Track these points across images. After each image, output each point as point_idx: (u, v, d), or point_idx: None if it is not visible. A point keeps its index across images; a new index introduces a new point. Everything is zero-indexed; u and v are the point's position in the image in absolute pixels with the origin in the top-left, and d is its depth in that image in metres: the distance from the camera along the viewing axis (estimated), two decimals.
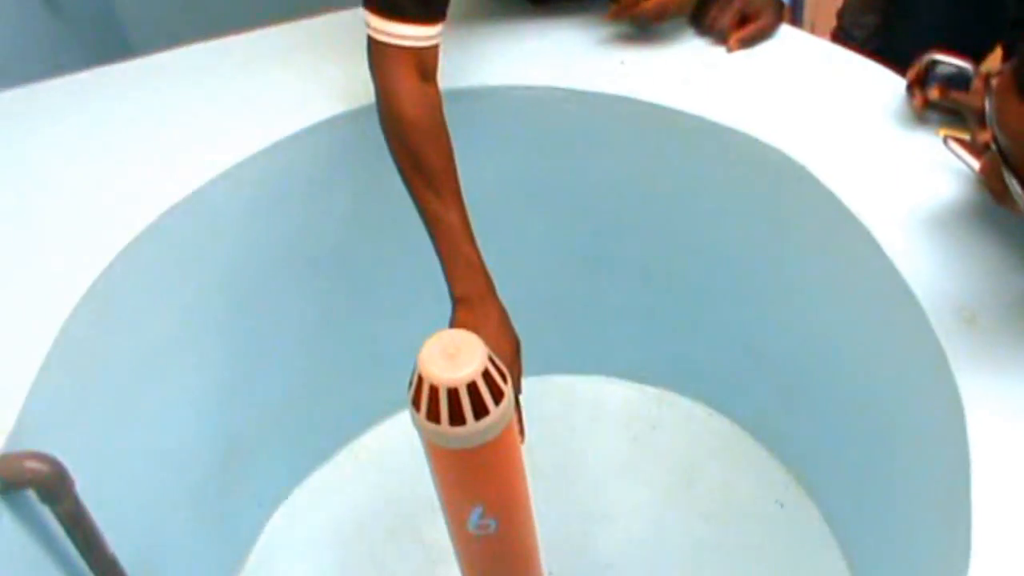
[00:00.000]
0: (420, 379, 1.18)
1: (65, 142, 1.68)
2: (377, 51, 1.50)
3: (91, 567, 1.39)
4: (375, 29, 1.48)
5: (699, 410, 2.17)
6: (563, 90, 1.68)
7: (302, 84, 1.74)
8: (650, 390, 2.21)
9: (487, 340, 1.24)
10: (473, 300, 1.45)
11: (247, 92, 1.74)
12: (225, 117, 1.70)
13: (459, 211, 1.48)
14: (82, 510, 1.31)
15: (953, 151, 1.43)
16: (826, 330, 1.71)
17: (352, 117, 1.67)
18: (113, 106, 1.74)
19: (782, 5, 1.77)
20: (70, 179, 1.62)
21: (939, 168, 1.47)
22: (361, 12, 1.49)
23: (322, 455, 2.16)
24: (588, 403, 2.22)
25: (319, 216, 1.80)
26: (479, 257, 1.48)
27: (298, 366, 1.96)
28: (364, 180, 1.76)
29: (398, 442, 2.07)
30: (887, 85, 1.63)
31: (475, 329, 1.26)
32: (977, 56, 1.47)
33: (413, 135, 1.48)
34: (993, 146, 1.16)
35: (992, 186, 1.29)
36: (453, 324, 1.43)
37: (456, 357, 1.18)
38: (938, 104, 1.50)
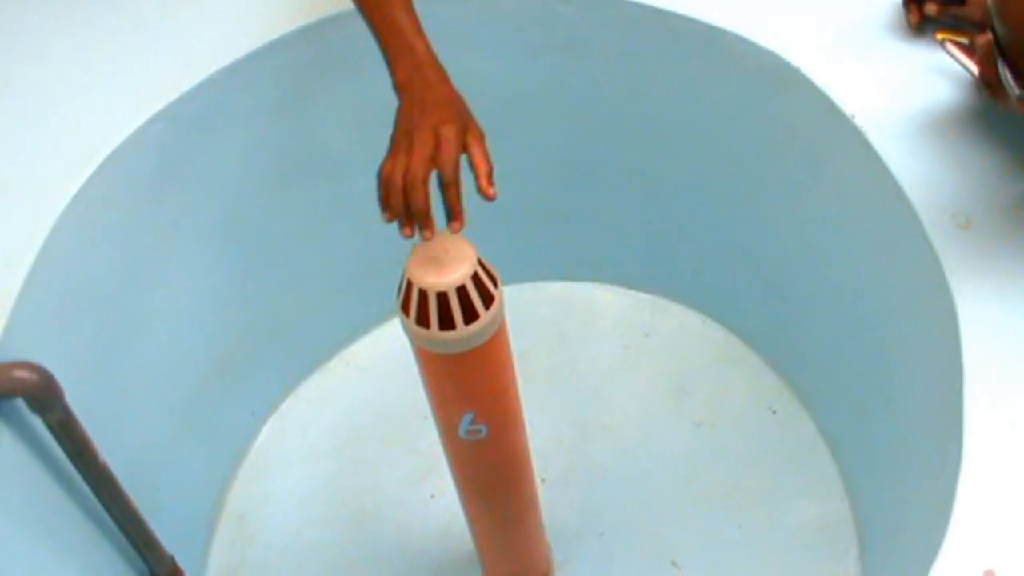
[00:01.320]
0: (409, 284, 1.18)
1: (48, 50, 1.64)
2: None
3: (83, 475, 1.39)
4: None
5: (693, 317, 2.17)
6: None
7: None
8: (644, 297, 2.20)
9: (433, 118, 1.20)
10: (411, 80, 1.28)
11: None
12: (209, 23, 1.66)
13: (407, 13, 1.33)
14: (72, 419, 1.31)
15: (952, 54, 1.41)
16: (820, 237, 1.70)
17: (336, 21, 1.64)
18: (97, 13, 1.71)
19: None
20: (51, 87, 1.59)
21: (937, 73, 1.45)
22: None
23: (314, 364, 2.17)
24: (581, 310, 2.22)
25: (306, 125, 1.77)
26: (430, 50, 1.31)
27: (288, 274, 1.95)
28: (349, 87, 1.74)
29: (390, 349, 2.08)
30: None
31: (420, 113, 1.22)
32: None
33: None
34: (991, 34, 1.14)
35: (987, 77, 1.27)
36: (397, 118, 1.27)
37: (444, 261, 1.17)
38: (935, 19, 1.47)
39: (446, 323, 1.18)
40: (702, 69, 1.66)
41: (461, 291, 1.16)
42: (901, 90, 1.45)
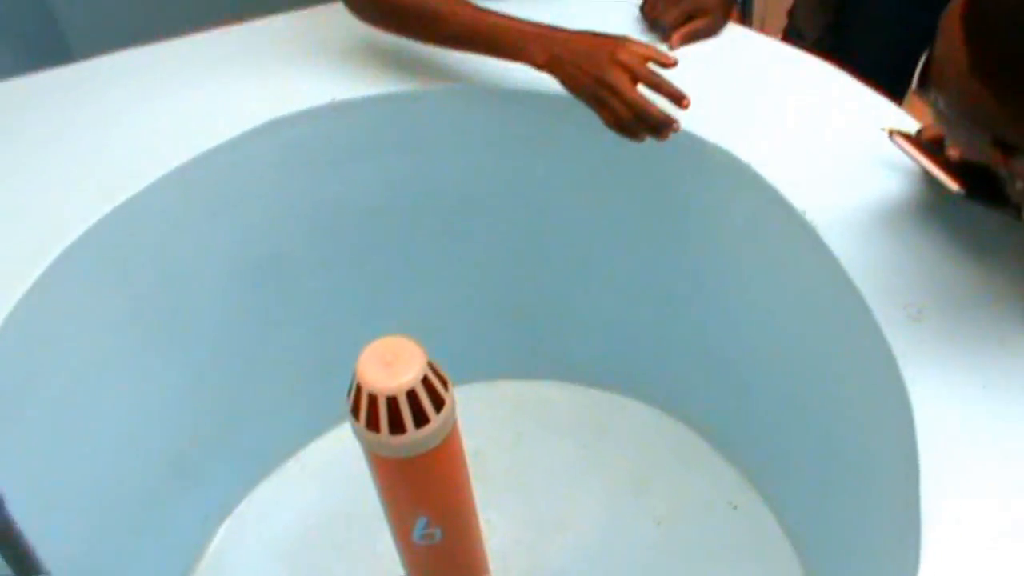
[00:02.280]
0: (358, 388, 1.16)
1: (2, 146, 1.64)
2: None
3: None
4: None
5: (651, 414, 2.15)
6: (512, 91, 1.66)
7: (244, 87, 1.71)
8: (601, 394, 2.18)
9: (597, 58, 1.44)
10: (551, 54, 1.49)
11: (190, 96, 1.71)
12: (160, 125, 1.66)
13: (477, 11, 1.53)
14: (11, 529, 1.28)
15: (899, 146, 1.42)
16: (775, 330, 1.70)
17: (291, 121, 1.65)
18: (50, 111, 1.71)
19: (731, 3, 1.76)
20: (5, 185, 1.58)
21: (885, 165, 1.47)
22: None
23: (269, 466, 2.13)
24: (537, 408, 2.20)
25: (262, 222, 1.77)
26: (522, 21, 1.52)
27: (242, 375, 1.93)
28: (307, 185, 1.74)
29: (346, 451, 2.00)
30: (834, 83, 1.63)
31: (586, 64, 1.45)
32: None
33: (406, 16, 1.58)
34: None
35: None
36: (572, 86, 1.49)
37: (394, 364, 1.16)
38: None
39: (396, 427, 1.17)
40: (653, 167, 1.67)
41: (411, 395, 1.15)
42: (851, 184, 1.47)
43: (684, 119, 1.49)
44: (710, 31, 1.71)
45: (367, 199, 1.78)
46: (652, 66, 1.47)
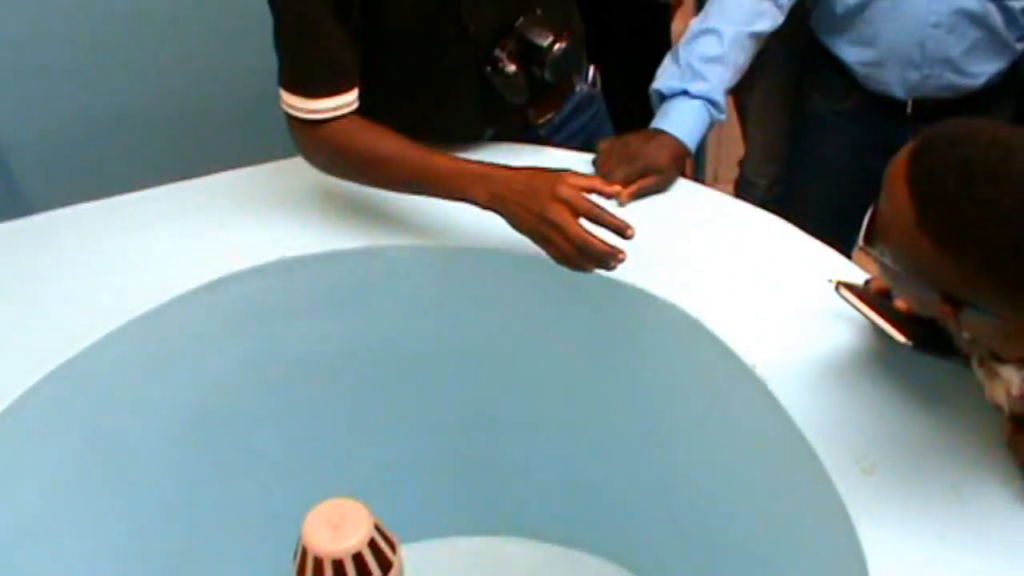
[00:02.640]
0: (304, 550, 1.15)
1: None
2: (300, 128, 1.63)
3: None
4: (293, 107, 1.61)
5: (609, 568, 2.12)
6: (460, 248, 1.67)
7: (197, 241, 1.72)
8: (558, 550, 2.15)
9: (539, 195, 1.45)
10: (493, 193, 1.51)
11: (144, 250, 1.72)
12: (119, 275, 1.67)
13: (417, 154, 1.58)
14: None
15: (845, 298, 1.43)
16: (729, 484, 1.69)
17: (242, 277, 1.66)
18: (3, 263, 1.71)
19: (684, 157, 1.79)
20: None
21: (834, 317, 1.48)
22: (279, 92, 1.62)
23: None
24: (494, 565, 2.16)
25: (210, 377, 1.75)
26: (466, 161, 1.56)
27: (186, 534, 1.89)
28: (256, 340, 1.73)
29: None
30: (783, 236, 1.65)
31: (528, 202, 1.46)
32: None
33: (358, 163, 1.63)
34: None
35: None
36: (515, 223, 1.50)
37: (340, 527, 1.15)
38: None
39: None
40: (601, 321, 1.68)
41: (357, 558, 1.14)
42: (800, 336, 1.48)
43: (634, 274, 1.50)
44: (661, 188, 1.74)
45: (316, 355, 1.77)
46: (595, 197, 1.49)
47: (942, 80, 2.05)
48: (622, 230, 1.45)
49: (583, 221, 1.46)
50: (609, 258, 1.45)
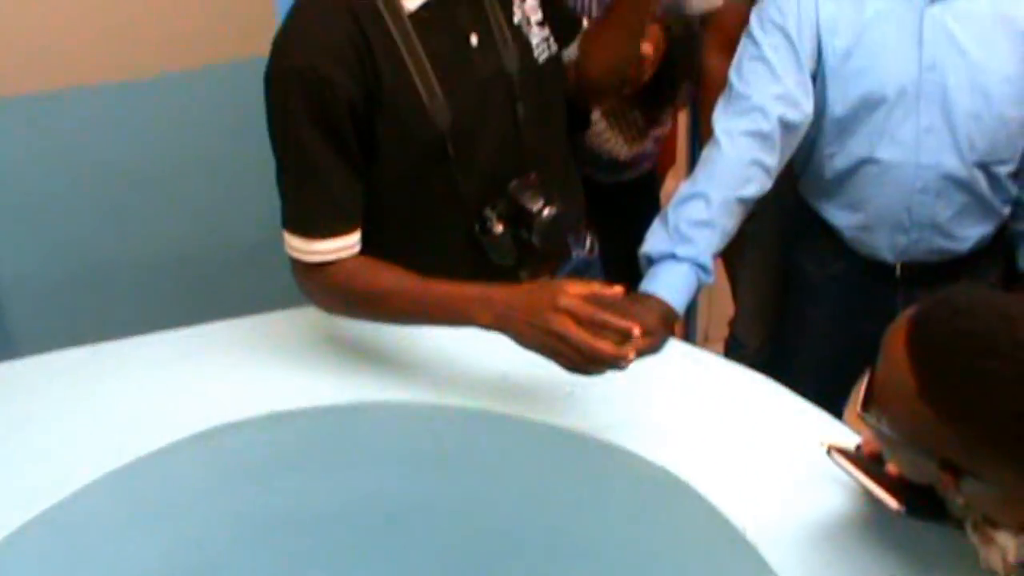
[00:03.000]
0: None
1: None
2: (303, 270, 1.68)
3: None
4: (296, 248, 1.64)
5: None
6: (451, 407, 1.67)
7: (187, 392, 1.71)
8: None
9: (541, 311, 1.46)
10: (495, 314, 1.54)
11: (128, 398, 1.71)
12: (106, 423, 1.66)
13: (416, 285, 1.62)
14: None
15: (837, 463, 1.42)
16: None
17: (229, 430, 1.64)
18: None
19: (672, 320, 1.79)
20: None
21: (825, 480, 1.46)
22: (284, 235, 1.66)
23: None
24: None
25: (193, 530, 1.72)
26: (464, 284, 1.59)
27: None
28: (242, 494, 1.71)
29: None
30: (774, 398, 1.65)
31: (531, 319, 1.48)
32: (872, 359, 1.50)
33: (361, 301, 1.67)
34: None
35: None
36: (522, 342, 1.52)
37: None
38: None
39: None
40: (592, 484, 1.66)
41: None
42: (791, 500, 1.46)
43: (623, 436, 1.49)
44: (650, 351, 1.74)
45: (301, 510, 1.75)
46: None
47: (930, 244, 2.06)
48: (628, 332, 1.47)
49: None
50: (618, 360, 1.47)
